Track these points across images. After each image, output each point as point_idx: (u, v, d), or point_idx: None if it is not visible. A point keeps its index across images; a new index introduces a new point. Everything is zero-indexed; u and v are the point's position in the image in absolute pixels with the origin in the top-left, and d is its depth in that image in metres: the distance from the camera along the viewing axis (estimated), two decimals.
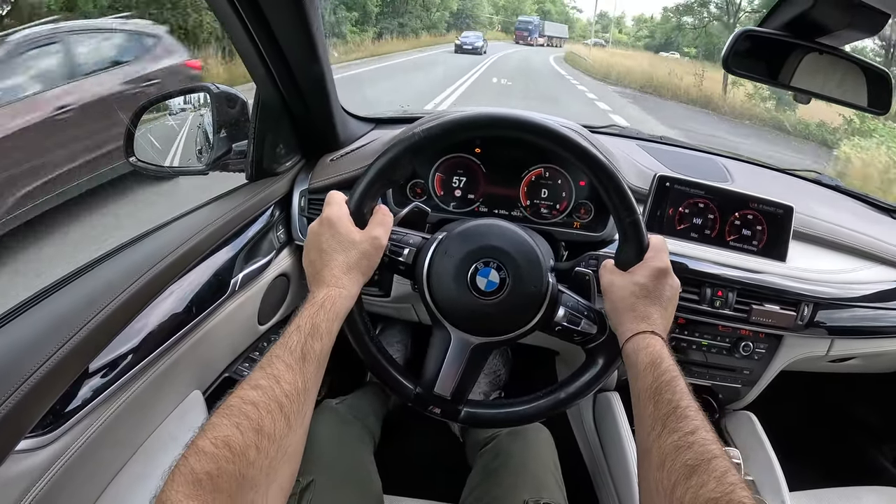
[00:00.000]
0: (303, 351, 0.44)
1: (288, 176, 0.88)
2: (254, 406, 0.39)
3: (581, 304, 0.58)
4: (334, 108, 0.84)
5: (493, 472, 0.73)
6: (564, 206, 0.82)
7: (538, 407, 0.59)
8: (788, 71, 0.88)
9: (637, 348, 0.50)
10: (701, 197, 0.85)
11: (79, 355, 0.52)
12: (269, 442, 0.38)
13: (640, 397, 0.47)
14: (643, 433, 0.45)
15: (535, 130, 0.58)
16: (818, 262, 0.92)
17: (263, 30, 0.68)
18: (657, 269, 0.55)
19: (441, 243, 0.58)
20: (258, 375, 0.41)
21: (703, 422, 0.42)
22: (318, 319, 0.47)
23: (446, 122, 0.58)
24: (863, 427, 1.18)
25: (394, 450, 0.92)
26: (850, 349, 0.94)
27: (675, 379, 0.46)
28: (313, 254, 0.53)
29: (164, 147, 0.93)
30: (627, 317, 0.53)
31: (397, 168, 0.59)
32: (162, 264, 0.64)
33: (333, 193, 0.57)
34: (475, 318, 0.57)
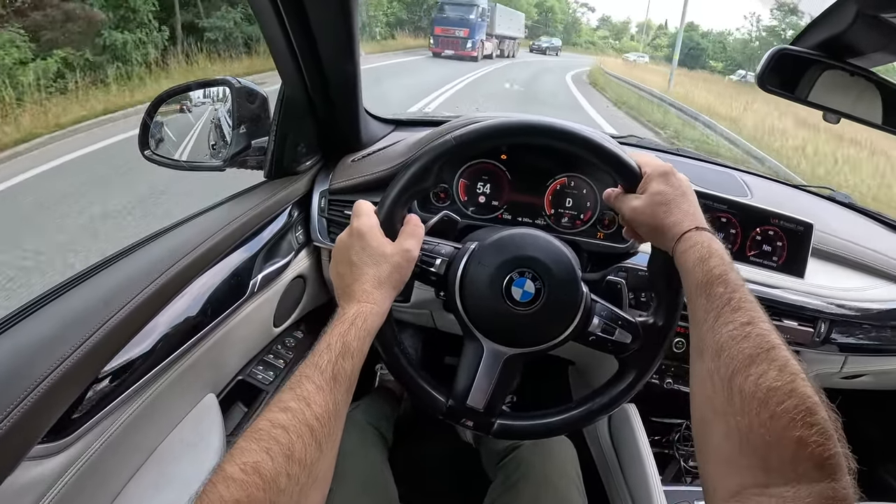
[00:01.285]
0: (333, 371, 0.42)
1: (308, 175, 0.86)
2: (284, 430, 0.37)
3: (615, 314, 0.58)
4: (360, 109, 0.82)
5: (515, 484, 0.72)
6: (589, 217, 0.82)
7: (571, 418, 0.59)
8: (805, 87, 0.88)
9: (685, 248, 0.49)
10: (724, 211, 0.85)
11: (93, 358, 0.50)
12: (299, 468, 0.36)
13: (691, 294, 0.45)
14: (696, 328, 0.43)
15: (570, 139, 0.58)
16: (834, 279, 0.92)
17: (300, 26, 0.66)
18: (664, 173, 0.55)
19: (474, 253, 0.57)
20: (288, 397, 0.40)
21: (759, 312, 0.41)
22: (350, 338, 0.45)
23: (481, 128, 0.57)
24: (869, 444, 1.19)
25: (406, 455, 0.91)
26: (862, 367, 0.95)
27: (727, 273, 0.44)
28: (342, 266, 0.51)
29: (178, 140, 0.90)
30: (668, 223, 0.51)
31: (428, 176, 0.57)
32: (181, 263, 0.62)
33: (361, 203, 0.55)
34: (509, 328, 0.56)
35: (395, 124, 0.97)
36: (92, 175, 3.94)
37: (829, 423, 0.34)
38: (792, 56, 0.79)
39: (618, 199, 0.58)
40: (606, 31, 47.66)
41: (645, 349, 0.58)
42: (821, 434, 0.33)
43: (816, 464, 0.32)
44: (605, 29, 48.74)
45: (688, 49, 25.92)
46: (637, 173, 0.57)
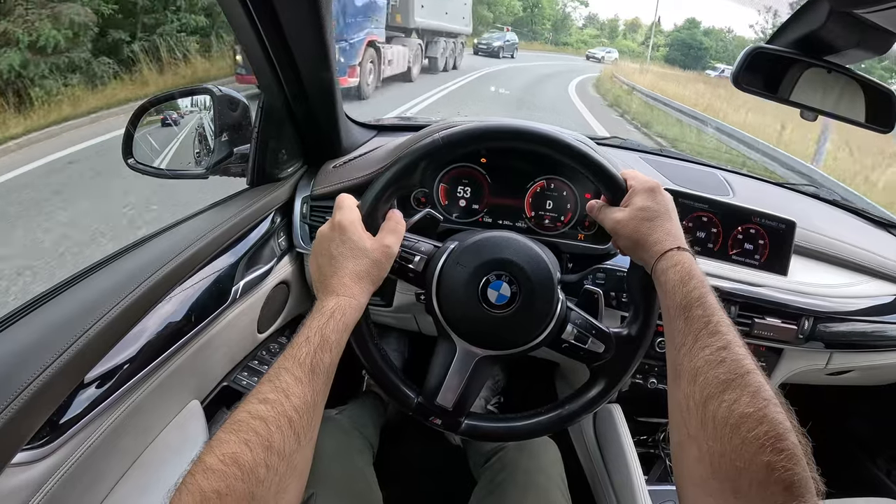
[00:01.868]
0: (312, 363, 0.43)
1: (290, 182, 0.87)
2: (263, 421, 0.37)
3: (589, 323, 0.58)
4: (339, 114, 0.83)
5: (499, 486, 0.72)
6: (569, 218, 0.82)
7: (539, 423, 0.59)
8: (788, 85, 0.88)
9: (665, 267, 0.49)
10: (705, 211, 0.85)
11: (77, 365, 0.50)
12: (278, 459, 0.37)
13: (671, 315, 0.46)
14: (673, 350, 0.44)
15: (559, 147, 0.58)
16: (818, 276, 0.93)
17: (276, 34, 0.67)
18: (648, 188, 0.55)
19: (453, 253, 0.57)
20: (266, 389, 0.40)
21: (734, 336, 0.42)
22: (328, 331, 0.45)
23: (471, 129, 0.58)
24: (857, 439, 1.19)
25: (392, 459, 0.91)
26: (848, 362, 0.95)
27: (705, 295, 0.45)
28: (322, 259, 0.52)
29: (161, 149, 0.90)
30: (650, 240, 0.52)
31: (413, 173, 0.58)
32: (163, 271, 0.63)
33: (344, 197, 0.55)
34: (483, 330, 0.56)
35: (376, 129, 0.97)
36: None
37: (799, 448, 0.35)
38: (767, 55, 0.79)
39: (601, 210, 0.59)
40: (595, 29, 41.83)
41: (617, 360, 0.58)
42: (789, 459, 0.34)
43: (785, 487, 0.34)
44: (594, 27, 42.81)
45: (688, 49, 23.92)
46: (622, 186, 0.58)
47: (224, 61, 7.49)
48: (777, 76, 0.87)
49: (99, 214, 3.18)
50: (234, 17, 0.64)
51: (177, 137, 0.95)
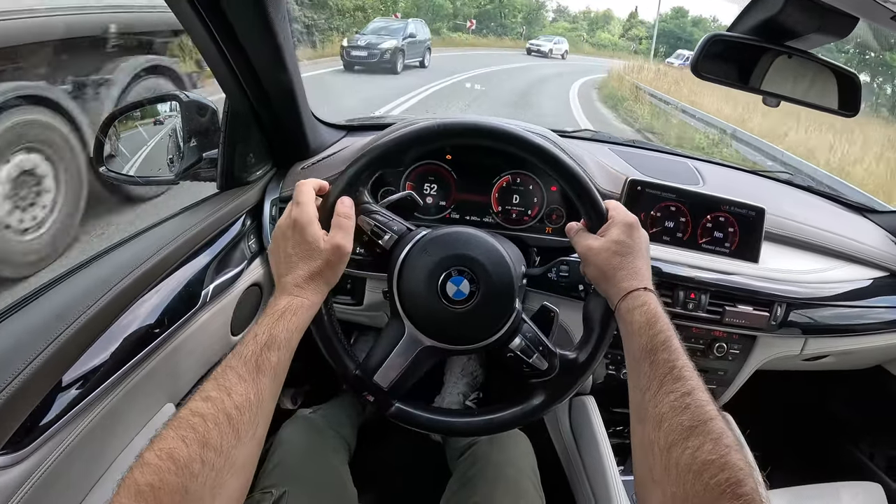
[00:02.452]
0: (257, 362, 0.43)
1: (259, 185, 0.87)
2: (201, 418, 0.38)
3: (539, 339, 0.58)
4: (304, 116, 0.83)
5: (471, 480, 0.73)
6: (536, 212, 0.82)
7: (469, 424, 0.60)
8: (759, 74, 0.88)
9: (631, 307, 0.50)
10: (672, 200, 0.85)
11: (49, 370, 0.51)
12: (215, 454, 0.37)
13: (636, 357, 0.47)
14: (638, 393, 0.45)
15: (550, 162, 0.58)
16: (791, 262, 0.93)
17: (231, 40, 0.67)
18: (628, 224, 0.55)
19: (422, 240, 0.57)
20: (210, 386, 0.41)
21: (698, 382, 0.43)
22: (277, 330, 0.46)
23: (415, 130, 0.58)
24: (839, 424, 1.19)
25: (370, 458, 0.91)
26: (823, 348, 0.95)
27: (670, 339, 0.46)
28: (278, 257, 0.53)
29: (132, 156, 0.91)
30: (618, 275, 0.52)
31: (374, 172, 0.59)
32: (132, 276, 0.64)
33: (303, 186, 0.54)
34: (434, 321, 0.56)
35: (346, 130, 0.98)
36: None
37: (757, 492, 0.37)
38: (727, 42, 0.79)
39: (578, 234, 0.59)
40: (568, 22, 36.17)
41: (559, 381, 0.59)
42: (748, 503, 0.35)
43: None
44: (565, 20, 36.83)
45: (677, 40, 22.13)
46: (603, 216, 0.58)
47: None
48: (746, 65, 0.88)
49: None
50: (188, 21, 0.64)
51: (147, 144, 0.97)
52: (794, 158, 5.54)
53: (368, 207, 0.58)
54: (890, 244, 1.03)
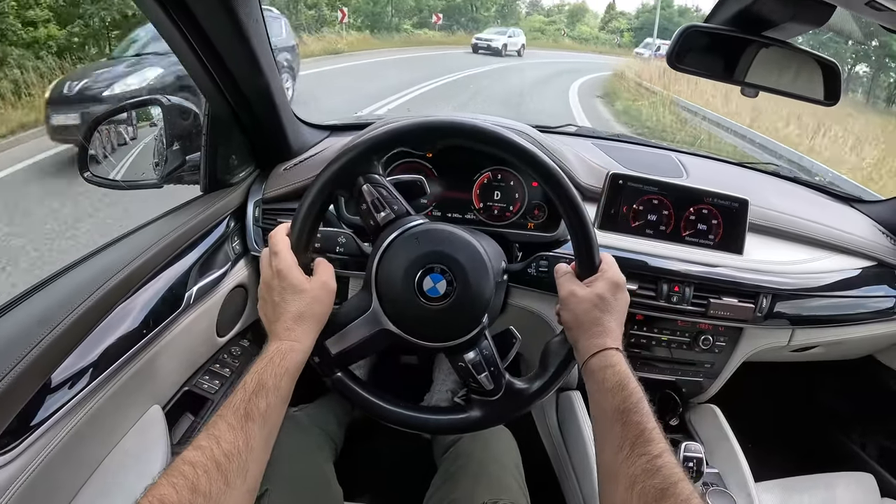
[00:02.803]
0: (246, 410, 0.45)
1: (242, 186, 0.88)
2: (191, 466, 0.40)
3: (493, 359, 0.58)
4: (284, 117, 0.83)
5: (453, 475, 0.73)
6: (518, 208, 0.82)
7: (399, 415, 0.59)
8: (743, 67, 0.88)
9: (603, 365, 0.51)
10: (654, 193, 0.85)
11: (33, 374, 0.52)
12: (203, 500, 0.39)
13: (607, 417, 0.48)
14: (609, 453, 0.46)
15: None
16: (777, 253, 0.92)
17: (205, 44, 0.68)
18: (615, 283, 0.56)
19: (418, 227, 0.57)
20: (202, 437, 0.43)
21: (666, 445, 0.44)
22: (266, 376, 0.47)
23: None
24: (830, 414, 1.19)
25: (359, 457, 0.92)
26: (811, 338, 0.95)
27: (641, 401, 0.47)
28: (266, 307, 0.54)
29: (117, 161, 0.92)
30: (593, 330, 0.53)
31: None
32: (115, 279, 0.64)
33: (279, 238, 0.55)
34: (400, 308, 0.56)
35: (329, 130, 0.98)
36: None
37: None
38: (704, 33, 0.79)
39: (564, 276, 0.59)
40: (541, 15, 32.37)
41: (500, 404, 0.59)
42: None
43: None
44: (539, 13, 33.06)
45: (662, 32, 19.50)
46: (596, 268, 0.58)
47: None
48: (727, 57, 0.87)
49: None
50: (161, 26, 0.65)
51: (133, 149, 0.97)
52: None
53: (376, 179, 0.57)
54: (877, 233, 1.02)
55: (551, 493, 0.89)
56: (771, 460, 0.96)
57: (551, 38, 24.37)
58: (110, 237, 0.78)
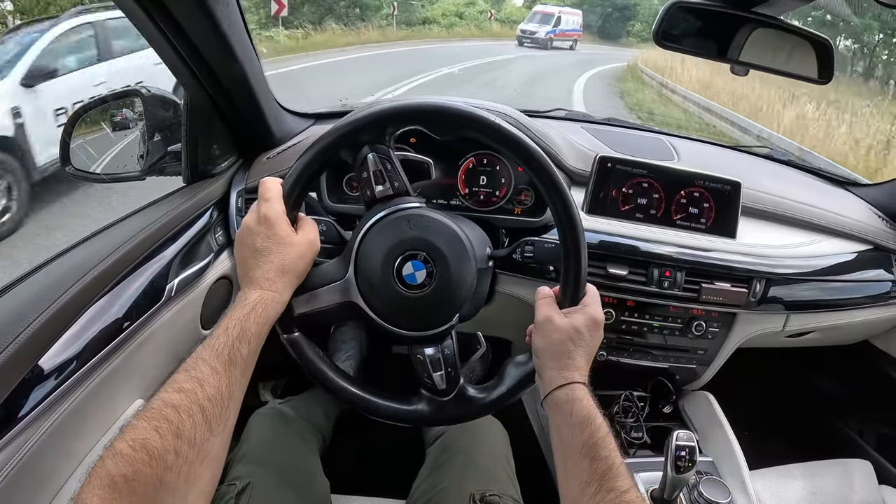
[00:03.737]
0: (229, 355, 0.43)
1: (225, 176, 0.86)
2: (175, 410, 0.38)
3: (453, 360, 0.57)
4: (264, 105, 0.82)
5: (441, 466, 0.72)
6: (504, 193, 0.81)
7: (344, 390, 0.57)
8: (737, 47, 0.87)
9: (571, 398, 0.50)
10: (644, 176, 0.84)
11: (13, 367, 0.51)
12: (188, 447, 0.37)
13: (574, 451, 0.47)
14: (575, 488, 0.46)
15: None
16: (770, 237, 0.91)
17: (176, 30, 0.66)
18: (595, 320, 0.55)
19: (415, 210, 0.55)
20: (182, 378, 0.41)
21: (631, 481, 0.45)
22: (249, 323, 0.46)
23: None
24: (826, 401, 1.18)
25: (348, 449, 0.91)
26: (806, 323, 0.93)
27: (608, 436, 0.47)
28: (246, 251, 0.52)
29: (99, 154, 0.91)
30: (563, 362, 0.52)
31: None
32: (94, 272, 0.63)
33: (269, 184, 0.54)
34: (374, 284, 0.54)
35: (314, 118, 0.97)
36: None
37: None
38: (691, 9, 0.77)
39: (545, 300, 0.58)
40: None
41: (448, 406, 0.58)
42: None
43: None
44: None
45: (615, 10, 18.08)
46: (578, 299, 0.56)
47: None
48: (726, 38, 0.86)
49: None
50: (136, 19, 0.63)
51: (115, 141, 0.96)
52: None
53: (384, 150, 0.56)
54: (873, 217, 1.01)
55: (542, 485, 0.88)
56: (766, 448, 0.95)
57: (474, 24, 18.77)
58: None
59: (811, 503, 0.86)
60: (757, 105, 7.28)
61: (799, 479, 0.89)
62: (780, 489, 0.86)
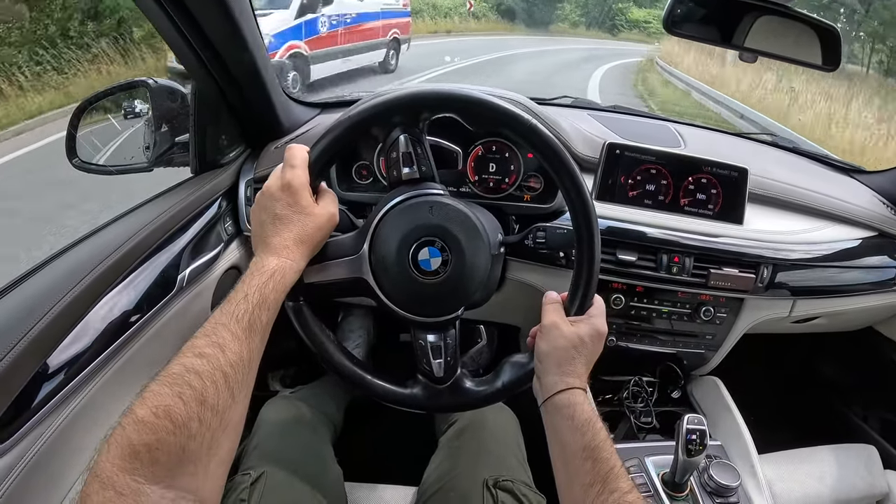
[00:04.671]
0: (250, 321, 0.42)
1: (233, 167, 0.86)
2: (198, 375, 0.37)
3: (453, 349, 0.57)
4: (273, 94, 0.82)
5: (453, 453, 0.73)
6: (514, 179, 0.81)
7: (341, 364, 0.57)
8: (741, 33, 0.88)
9: (572, 402, 0.50)
10: (652, 163, 0.84)
11: (26, 362, 0.51)
12: (212, 414, 0.37)
13: (577, 453, 0.47)
14: (578, 489, 0.46)
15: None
16: (777, 223, 0.91)
17: (187, 19, 0.66)
18: (599, 332, 0.55)
19: (437, 197, 0.55)
20: (202, 343, 0.40)
21: (632, 483, 0.45)
22: (267, 290, 0.45)
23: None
24: (832, 386, 1.18)
25: (360, 437, 0.91)
26: (813, 309, 0.94)
27: (608, 439, 0.48)
28: (266, 216, 0.51)
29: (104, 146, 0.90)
30: (565, 368, 0.53)
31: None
32: (105, 264, 0.63)
33: (296, 150, 0.53)
34: (387, 266, 0.54)
35: (320, 107, 0.96)
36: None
37: None
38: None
39: (552, 305, 0.57)
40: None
41: (443, 394, 0.58)
42: None
43: None
44: None
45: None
46: (584, 309, 0.56)
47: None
48: (731, 25, 0.86)
49: None
50: (146, 7, 0.63)
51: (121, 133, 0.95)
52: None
53: (416, 133, 0.56)
54: (878, 204, 1.01)
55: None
56: (773, 432, 0.96)
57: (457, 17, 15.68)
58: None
59: (818, 487, 0.87)
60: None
61: (806, 463, 0.90)
62: (787, 473, 0.87)
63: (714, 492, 0.75)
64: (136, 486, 0.32)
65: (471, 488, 0.66)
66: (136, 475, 0.32)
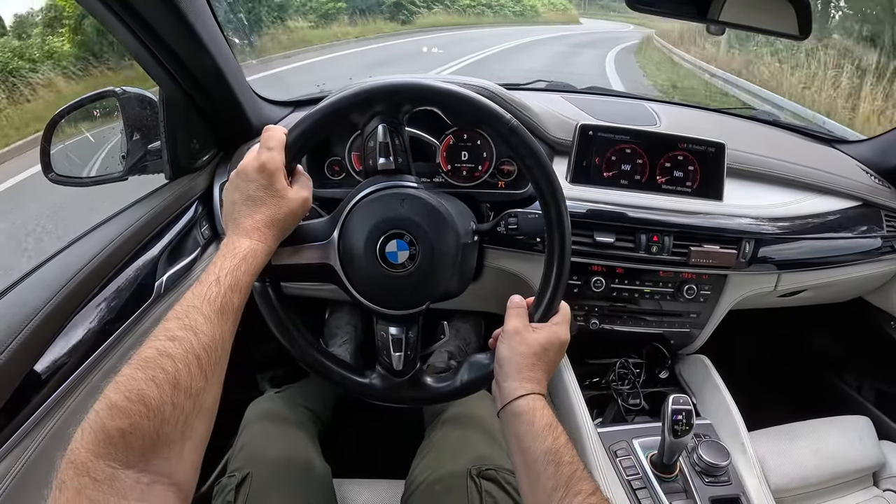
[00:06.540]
0: (222, 304, 0.42)
1: (207, 170, 0.86)
2: (171, 359, 0.37)
3: (414, 344, 0.57)
4: (240, 96, 0.81)
5: (438, 444, 0.72)
6: (487, 167, 0.80)
7: (301, 349, 0.57)
8: (717, 7, 0.86)
9: (533, 408, 0.50)
10: (626, 142, 0.83)
11: (4, 378, 0.51)
12: (185, 397, 0.36)
13: (539, 458, 0.47)
14: (542, 493, 0.46)
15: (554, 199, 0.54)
16: (758, 197, 0.90)
17: (145, 28, 0.65)
18: (561, 340, 0.55)
19: (411, 189, 0.55)
20: (174, 326, 0.39)
21: (594, 484, 0.45)
22: (239, 273, 0.45)
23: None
24: (824, 359, 1.18)
25: (348, 434, 0.91)
26: (799, 282, 0.93)
27: (569, 442, 0.48)
28: (237, 196, 0.50)
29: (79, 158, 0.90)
30: (525, 374, 0.52)
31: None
32: (81, 275, 0.63)
33: (274, 131, 0.53)
34: (355, 255, 0.54)
35: (293, 105, 0.96)
36: None
37: None
38: None
39: (517, 310, 0.57)
40: None
41: (399, 387, 0.58)
42: None
43: None
44: None
45: None
46: (549, 316, 0.56)
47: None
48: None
49: None
50: (101, 16, 0.63)
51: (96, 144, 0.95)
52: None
53: (395, 124, 0.55)
54: (861, 173, 1.00)
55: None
56: (765, 408, 0.95)
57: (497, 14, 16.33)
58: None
59: (813, 461, 0.86)
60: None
61: (800, 437, 0.89)
62: (781, 449, 0.86)
63: (704, 471, 0.75)
64: (111, 471, 0.32)
65: (455, 479, 0.66)
66: (110, 460, 0.32)
